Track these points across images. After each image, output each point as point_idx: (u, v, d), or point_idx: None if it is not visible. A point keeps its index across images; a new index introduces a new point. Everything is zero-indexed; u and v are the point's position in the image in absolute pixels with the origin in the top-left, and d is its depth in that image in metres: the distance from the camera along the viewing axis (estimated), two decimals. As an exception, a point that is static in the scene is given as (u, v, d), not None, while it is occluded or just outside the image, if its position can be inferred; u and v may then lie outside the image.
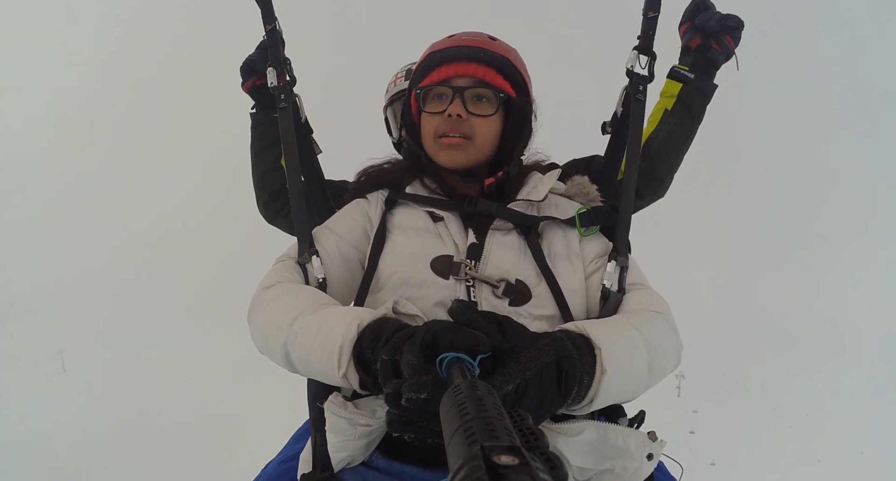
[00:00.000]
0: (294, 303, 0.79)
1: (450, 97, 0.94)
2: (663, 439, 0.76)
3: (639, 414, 0.85)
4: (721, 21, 1.11)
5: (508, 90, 0.97)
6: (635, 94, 0.99)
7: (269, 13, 1.01)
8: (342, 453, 0.76)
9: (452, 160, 0.96)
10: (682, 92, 1.18)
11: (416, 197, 0.98)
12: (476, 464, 0.28)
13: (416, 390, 0.53)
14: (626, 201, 0.94)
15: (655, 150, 1.19)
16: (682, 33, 1.20)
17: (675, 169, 1.24)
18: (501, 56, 0.96)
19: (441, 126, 0.95)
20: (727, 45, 1.14)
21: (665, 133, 1.18)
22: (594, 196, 1.03)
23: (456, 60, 0.96)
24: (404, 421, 0.56)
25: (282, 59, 1.03)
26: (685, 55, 1.20)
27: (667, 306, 0.87)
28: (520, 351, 0.60)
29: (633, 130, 0.97)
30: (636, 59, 1.01)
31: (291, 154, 0.98)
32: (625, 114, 1.04)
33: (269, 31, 1.02)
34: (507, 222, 0.92)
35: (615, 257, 0.89)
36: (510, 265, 0.87)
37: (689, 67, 1.18)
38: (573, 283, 0.89)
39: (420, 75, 1.01)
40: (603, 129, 1.12)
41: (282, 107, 1.00)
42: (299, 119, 1.11)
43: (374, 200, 1.01)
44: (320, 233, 0.97)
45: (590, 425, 0.72)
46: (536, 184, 0.99)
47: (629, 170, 0.96)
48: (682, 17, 1.19)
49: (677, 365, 0.84)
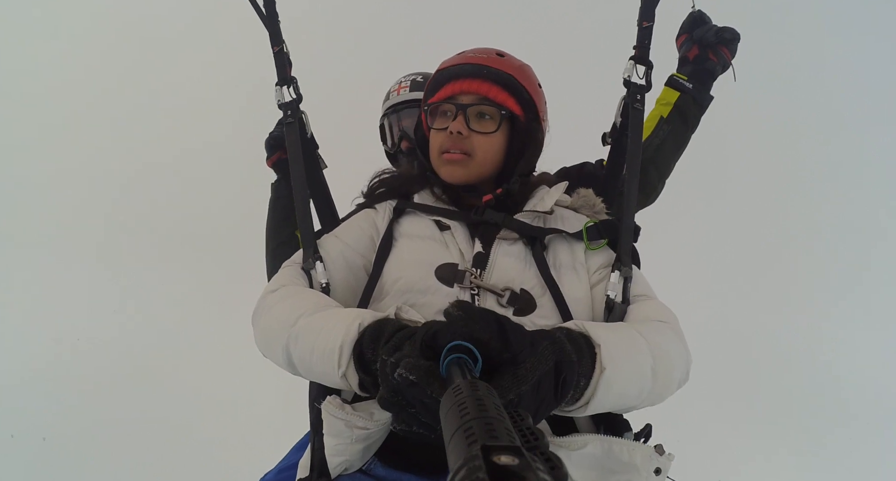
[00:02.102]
0: (297, 305, 0.80)
1: (454, 114, 0.98)
2: (671, 453, 0.73)
3: (645, 428, 0.84)
4: (718, 34, 1.14)
5: (512, 107, 0.98)
6: (633, 103, 1.01)
7: (277, 35, 1.06)
8: (339, 457, 0.76)
9: (452, 176, 0.99)
10: (679, 100, 1.19)
11: (423, 206, 1.00)
12: (476, 464, 0.28)
13: (408, 370, 0.53)
14: (628, 211, 0.94)
15: (649, 157, 1.20)
16: (679, 45, 1.23)
17: (667, 175, 1.25)
18: (506, 73, 0.98)
19: (444, 142, 0.98)
20: (724, 56, 1.16)
21: (659, 140, 1.20)
22: (600, 208, 1.03)
23: (461, 78, 0.99)
24: (392, 402, 0.56)
25: (289, 78, 1.07)
26: (683, 65, 1.21)
27: (674, 317, 0.85)
28: (519, 362, 0.57)
29: (633, 140, 0.98)
30: (633, 68, 1.02)
31: (297, 165, 1.01)
32: (623, 124, 1.05)
33: (276, 52, 1.07)
34: (513, 232, 0.93)
35: (618, 267, 0.89)
36: (515, 274, 0.88)
37: (688, 77, 1.19)
38: (578, 294, 0.88)
39: (429, 92, 1.05)
40: (603, 140, 1.13)
41: (288, 122, 1.05)
42: (305, 134, 1.15)
43: (381, 209, 1.03)
44: (326, 239, 0.99)
45: (593, 438, 0.70)
46: (543, 196, 1.00)
47: (630, 179, 0.96)
48: (679, 29, 1.22)
49: (685, 379, 0.82)
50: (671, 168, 1.25)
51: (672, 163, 1.24)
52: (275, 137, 1.30)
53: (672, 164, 1.25)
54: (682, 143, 1.23)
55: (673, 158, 1.23)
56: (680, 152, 1.24)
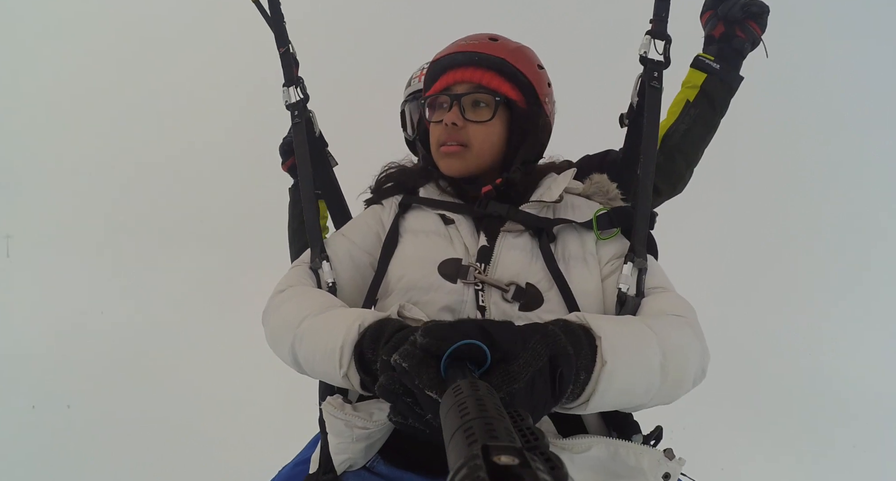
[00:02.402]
0: (303, 305, 0.81)
1: (449, 105, 0.95)
2: (682, 457, 0.69)
3: (655, 430, 0.79)
4: (745, 7, 1.05)
5: (507, 92, 0.95)
6: (650, 81, 0.93)
7: (283, 36, 1.06)
8: (342, 455, 0.77)
9: (451, 168, 0.97)
10: (706, 82, 1.11)
11: (428, 200, 0.98)
12: (476, 464, 0.28)
13: (403, 357, 0.53)
14: (644, 197, 0.87)
15: (675, 143, 1.13)
16: (704, 22, 1.14)
17: (695, 163, 1.18)
18: (498, 57, 0.94)
19: (441, 135, 0.96)
20: (753, 31, 1.08)
21: (686, 126, 1.12)
22: (614, 194, 0.98)
23: (454, 67, 0.97)
24: (390, 391, 0.56)
25: (295, 79, 1.07)
26: (709, 44, 1.13)
27: (692, 311, 0.80)
28: (510, 360, 0.54)
29: (649, 121, 0.91)
30: (650, 44, 0.94)
31: (304, 164, 1.02)
32: (640, 104, 0.97)
33: (282, 53, 1.06)
34: (518, 224, 0.89)
35: (632, 258, 0.83)
36: (521, 268, 0.84)
37: (714, 57, 1.11)
38: (588, 287, 0.84)
39: (426, 85, 1.04)
40: (621, 122, 1.06)
41: (296, 122, 1.06)
42: (313, 133, 1.16)
43: (388, 205, 1.02)
44: (333, 238, 0.99)
45: (598, 441, 0.67)
46: (550, 185, 0.95)
47: (646, 163, 0.89)
48: (703, 5, 1.14)
49: (702, 377, 0.76)
50: (699, 155, 1.17)
51: (700, 150, 1.16)
52: (288, 143, 1.29)
53: (700, 152, 1.17)
54: (711, 129, 1.15)
55: (701, 145, 1.16)
56: (709, 138, 1.16)
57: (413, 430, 0.57)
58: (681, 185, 1.20)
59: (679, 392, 0.72)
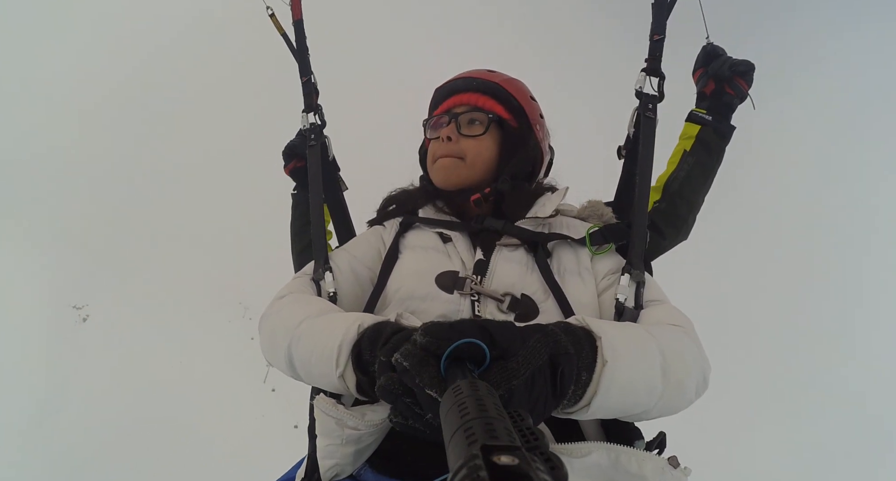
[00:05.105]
0: (302, 309, 0.82)
1: (447, 123, 1.05)
2: (687, 466, 0.67)
3: (658, 436, 0.78)
4: (732, 67, 1.14)
5: (500, 112, 1.05)
6: (645, 112, 1.01)
7: (306, 67, 1.17)
8: (330, 460, 0.75)
9: (445, 179, 1.04)
10: (701, 132, 1.19)
11: (426, 220, 1.02)
12: (476, 464, 0.28)
13: (404, 356, 0.54)
14: (640, 215, 0.92)
15: (676, 189, 1.18)
16: (696, 79, 1.24)
17: (697, 208, 1.23)
18: (493, 83, 1.06)
19: (438, 150, 1.05)
20: (740, 88, 1.16)
21: (685, 172, 1.18)
22: (608, 217, 1.03)
23: (455, 92, 1.09)
24: (390, 391, 0.56)
25: (315, 106, 1.16)
26: (701, 100, 1.22)
27: (689, 322, 0.81)
28: (508, 357, 0.54)
29: (644, 146, 0.98)
30: (645, 80, 1.03)
31: (315, 183, 1.08)
32: (636, 134, 1.05)
33: (304, 82, 1.16)
34: (513, 238, 0.93)
35: (629, 270, 0.86)
36: (516, 279, 0.86)
37: (706, 111, 1.19)
38: (584, 299, 0.85)
39: (430, 111, 1.16)
40: (619, 153, 1.13)
41: (311, 145, 1.13)
42: (327, 157, 1.23)
43: (389, 225, 1.07)
44: (336, 253, 1.02)
45: (598, 447, 0.64)
46: (545, 202, 1.01)
47: (642, 186, 0.95)
48: (694, 63, 1.24)
49: (704, 387, 0.76)
50: (700, 201, 1.22)
51: (701, 195, 1.22)
52: (291, 147, 1.32)
53: (701, 197, 1.22)
54: (709, 175, 1.21)
55: (701, 190, 1.21)
56: (708, 184, 1.22)
57: (413, 431, 0.56)
58: (685, 229, 1.24)
59: (680, 400, 0.71)
